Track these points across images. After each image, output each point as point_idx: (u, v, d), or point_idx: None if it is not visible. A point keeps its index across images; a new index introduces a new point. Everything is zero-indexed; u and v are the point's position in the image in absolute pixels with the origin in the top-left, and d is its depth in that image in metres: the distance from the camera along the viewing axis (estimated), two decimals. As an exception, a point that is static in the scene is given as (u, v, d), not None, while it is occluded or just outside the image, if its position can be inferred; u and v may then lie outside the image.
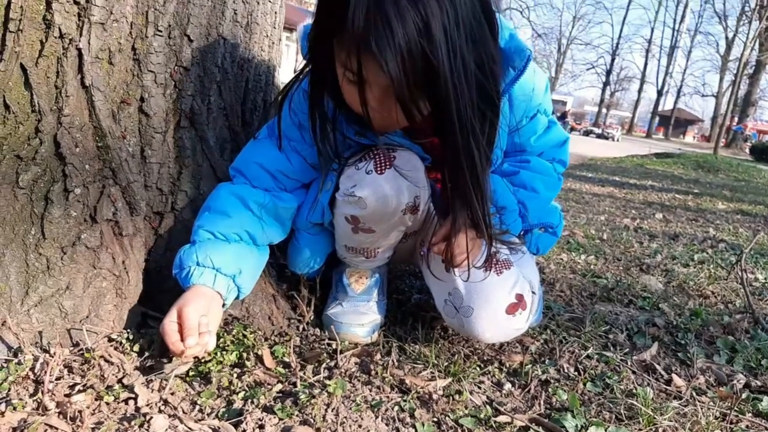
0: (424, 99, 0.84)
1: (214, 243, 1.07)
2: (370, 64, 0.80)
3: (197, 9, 1.08)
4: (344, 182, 1.09)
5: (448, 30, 0.77)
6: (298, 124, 1.13)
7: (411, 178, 1.09)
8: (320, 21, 0.88)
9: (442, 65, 0.78)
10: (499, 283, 1.10)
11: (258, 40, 1.26)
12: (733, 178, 10.46)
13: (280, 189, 1.17)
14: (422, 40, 0.76)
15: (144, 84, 1.04)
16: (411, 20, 0.75)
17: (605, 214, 4.20)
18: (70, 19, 0.96)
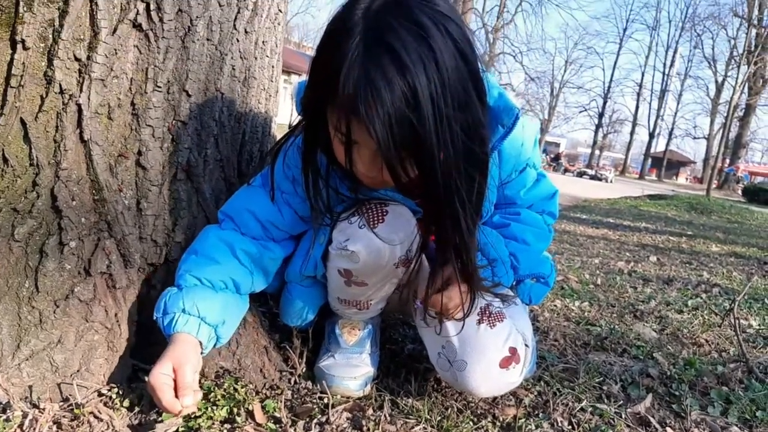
0: (410, 162, 0.86)
1: (201, 290, 1.07)
2: (360, 129, 0.83)
3: (196, 65, 1.11)
4: (337, 236, 1.10)
5: (434, 98, 0.79)
6: (291, 178, 1.14)
7: (403, 232, 1.10)
8: (313, 85, 0.91)
9: (428, 132, 0.80)
10: (492, 337, 1.10)
11: (255, 94, 1.29)
12: (726, 220, 10.53)
13: (268, 238, 1.18)
14: (409, 108, 0.78)
15: (142, 138, 1.06)
16: (399, 89, 0.77)
17: (599, 256, 4.21)
18: (71, 76, 0.98)
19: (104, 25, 0.99)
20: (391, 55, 0.78)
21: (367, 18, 0.80)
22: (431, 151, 0.82)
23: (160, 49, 1.05)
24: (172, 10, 1.05)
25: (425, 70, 0.78)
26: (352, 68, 0.79)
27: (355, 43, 0.79)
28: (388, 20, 0.79)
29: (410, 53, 0.77)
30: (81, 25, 0.98)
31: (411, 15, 0.79)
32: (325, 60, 0.86)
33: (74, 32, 0.97)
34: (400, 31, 0.78)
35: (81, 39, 0.98)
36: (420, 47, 0.78)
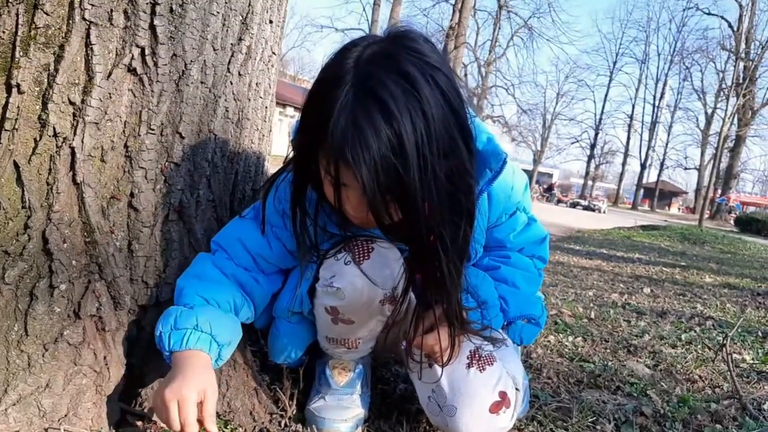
0: (395, 207, 0.88)
1: (211, 309, 1.07)
2: (347, 173, 0.85)
3: (190, 108, 1.12)
4: (323, 273, 1.11)
5: (420, 147, 0.81)
6: (281, 212, 1.15)
7: (389, 269, 1.10)
8: (305, 129, 0.94)
9: (412, 179, 0.82)
10: (482, 381, 1.09)
11: (248, 134, 1.30)
12: (719, 250, 10.57)
13: (258, 270, 1.18)
14: (395, 156, 0.81)
15: (134, 180, 1.07)
16: (385, 137, 0.80)
17: (593, 288, 4.21)
18: (65, 119, 0.99)
19: (99, 70, 1.00)
20: (379, 104, 0.80)
21: (357, 68, 0.83)
22: (415, 198, 0.84)
23: (155, 92, 1.06)
24: (167, 54, 1.07)
25: (411, 120, 0.80)
26: (341, 115, 0.81)
27: (345, 91, 0.82)
28: (377, 71, 0.82)
29: (397, 103, 0.80)
30: (76, 70, 0.99)
31: (400, 66, 0.82)
32: (315, 106, 0.88)
33: (69, 77, 0.99)
34: (388, 81, 0.81)
35: (76, 83, 0.99)
36: (407, 98, 0.81)
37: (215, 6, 1.13)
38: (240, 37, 1.21)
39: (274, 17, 1.32)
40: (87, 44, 0.99)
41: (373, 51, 0.85)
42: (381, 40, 0.88)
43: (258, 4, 1.24)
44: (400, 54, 0.83)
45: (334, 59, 0.88)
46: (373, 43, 0.87)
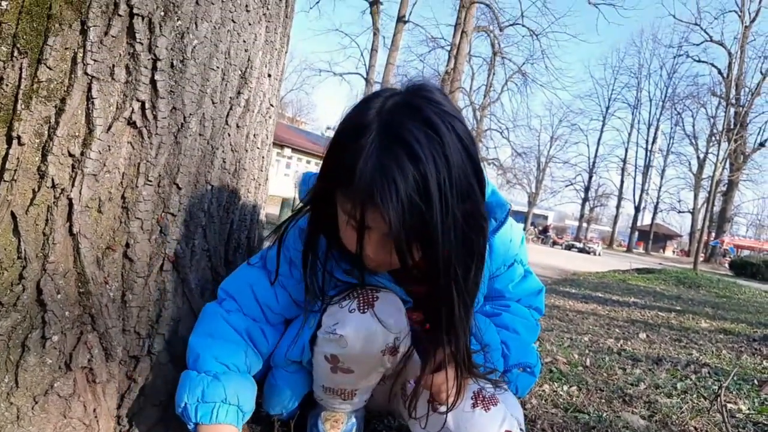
0: (417, 247, 0.91)
1: (234, 377, 1.09)
2: (374, 215, 0.89)
3: (187, 159, 1.14)
4: (326, 320, 1.11)
5: (442, 188, 0.86)
6: (288, 260, 1.17)
7: (393, 319, 1.11)
8: (325, 177, 0.98)
9: (435, 220, 0.86)
10: (488, 419, 1.09)
11: (245, 184, 1.32)
12: (714, 294, 10.55)
13: (266, 322, 1.19)
14: (420, 197, 0.85)
15: (130, 230, 1.08)
16: (411, 179, 0.84)
17: (589, 333, 4.19)
18: (63, 171, 1.01)
19: (99, 123, 1.02)
20: (404, 148, 0.85)
21: (381, 116, 0.88)
22: (436, 237, 0.88)
23: (153, 145, 1.08)
24: (167, 108, 1.09)
25: (435, 163, 0.85)
26: (368, 160, 0.85)
27: (371, 138, 0.86)
28: (401, 118, 0.87)
29: (422, 147, 0.85)
30: (77, 123, 1.01)
31: (422, 114, 0.87)
32: (339, 153, 0.93)
33: (70, 129, 1.01)
34: (412, 127, 0.86)
35: (76, 135, 1.01)
36: (430, 142, 0.86)
37: (215, 61, 1.16)
38: (239, 91, 1.24)
39: (272, 71, 1.36)
40: (88, 98, 1.02)
41: (395, 101, 0.90)
42: (400, 92, 0.93)
43: (257, 59, 1.28)
44: (421, 103, 0.89)
45: (356, 110, 0.93)
46: (394, 94, 0.92)
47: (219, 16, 1.16)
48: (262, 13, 1.27)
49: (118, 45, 1.04)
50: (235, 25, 1.20)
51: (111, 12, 1.03)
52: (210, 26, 1.14)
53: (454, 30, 21.75)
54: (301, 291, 1.15)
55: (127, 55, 1.05)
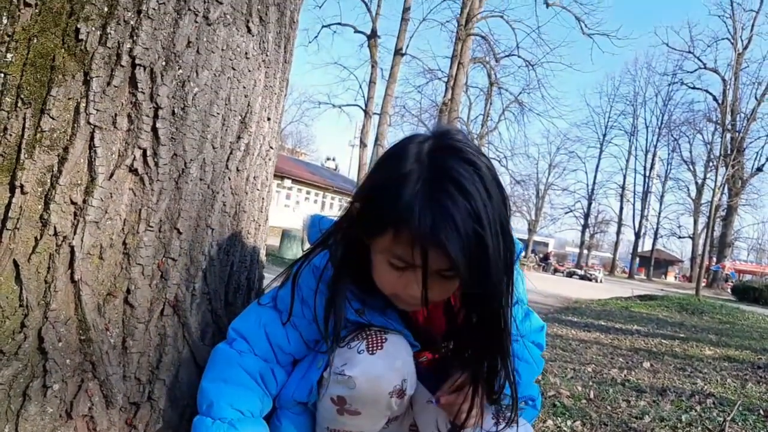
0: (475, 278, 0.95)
1: (249, 423, 1.10)
2: (435, 254, 0.92)
3: (188, 204, 1.16)
4: (335, 360, 1.12)
5: (490, 218, 0.92)
6: (300, 299, 1.17)
7: (401, 361, 1.12)
8: (369, 224, 1.01)
9: (490, 249, 0.92)
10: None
11: (245, 226, 1.34)
12: (717, 321, 10.49)
13: (276, 362, 1.19)
14: (476, 229, 0.90)
15: (131, 276, 1.08)
16: (466, 213, 0.90)
17: (592, 363, 4.16)
18: (66, 218, 1.02)
19: (101, 171, 1.04)
20: (454, 185, 0.90)
21: (423, 161, 0.94)
22: (491, 266, 0.93)
23: (154, 191, 1.10)
24: (168, 154, 1.11)
25: (481, 196, 0.91)
26: (422, 202, 0.90)
27: (420, 182, 0.91)
28: (443, 159, 0.93)
29: (468, 183, 0.91)
30: (79, 171, 1.03)
31: (460, 153, 0.94)
32: (383, 203, 0.96)
33: (72, 177, 1.02)
34: (456, 166, 0.92)
35: (78, 184, 1.03)
36: (473, 177, 0.92)
37: (215, 108, 1.19)
38: (239, 136, 1.26)
39: (271, 114, 1.38)
40: (91, 146, 1.04)
41: (431, 146, 0.96)
42: (432, 137, 0.99)
43: (257, 104, 1.30)
44: (456, 144, 0.96)
45: (392, 161, 0.98)
46: (425, 140, 0.98)
47: (219, 64, 1.19)
48: (261, 60, 1.30)
49: (120, 95, 1.06)
50: (235, 72, 1.22)
51: (113, 63, 1.05)
52: (210, 74, 1.17)
53: (450, 62, 22.06)
54: (313, 331, 1.16)
55: (129, 104, 1.07)
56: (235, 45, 1.22)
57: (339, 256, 1.10)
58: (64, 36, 1.03)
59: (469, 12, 21.24)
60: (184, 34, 1.12)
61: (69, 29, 1.04)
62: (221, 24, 1.18)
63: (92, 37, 1.04)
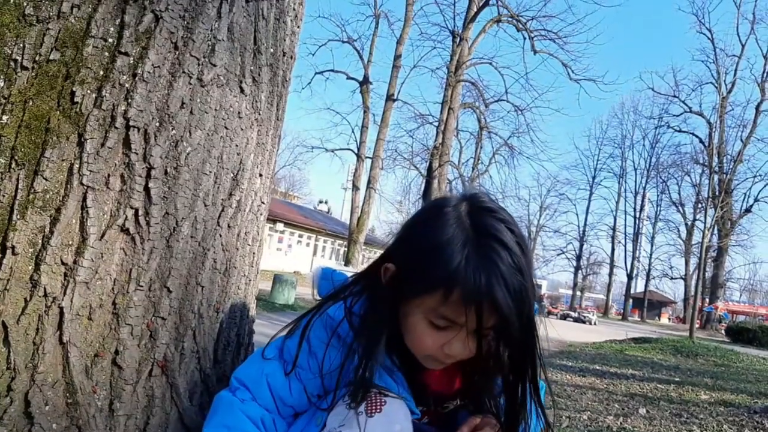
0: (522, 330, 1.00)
1: None
2: (487, 311, 0.96)
3: (179, 262, 1.16)
4: (332, 419, 1.10)
5: (528, 271, 0.98)
6: (308, 351, 1.16)
7: (399, 425, 1.10)
8: (411, 287, 1.03)
9: (531, 300, 0.98)
10: None
11: (235, 281, 1.34)
12: (712, 363, 10.43)
13: (278, 414, 1.17)
14: (521, 278, 0.96)
15: (120, 337, 1.08)
16: (512, 269, 0.95)
17: (587, 411, 4.11)
18: (56, 279, 1.02)
19: (93, 231, 1.05)
20: (498, 244, 0.96)
21: (464, 224, 0.99)
22: (532, 316, 0.99)
23: (145, 250, 1.11)
24: (159, 213, 1.12)
25: (518, 250, 0.97)
26: (472, 263, 0.95)
27: (466, 245, 0.96)
28: (483, 220, 0.99)
29: (508, 240, 0.97)
30: (71, 232, 1.04)
31: (496, 213, 1.01)
32: (428, 269, 0.99)
33: (63, 238, 1.03)
34: (496, 225, 0.98)
35: (69, 244, 1.03)
36: (510, 234, 0.98)
37: (208, 166, 1.21)
38: (231, 193, 1.27)
39: (263, 171, 1.40)
40: (83, 207, 1.05)
41: (468, 209, 1.02)
42: (464, 200, 1.04)
43: (249, 161, 1.32)
44: (489, 206, 1.02)
45: (432, 225, 1.01)
46: (459, 203, 1.03)
47: (212, 124, 1.21)
48: (254, 118, 1.33)
49: (113, 155, 1.08)
50: (228, 131, 1.25)
51: (108, 125, 1.07)
52: (204, 134, 1.19)
53: (441, 107, 22.43)
54: (316, 385, 1.15)
55: (123, 164, 1.09)
56: (228, 105, 1.25)
57: (369, 315, 1.12)
58: (60, 99, 1.06)
59: (459, 59, 21.73)
60: (178, 96, 1.15)
61: (65, 92, 1.06)
62: (215, 85, 1.21)
63: (87, 99, 1.06)
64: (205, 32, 1.19)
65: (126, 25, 1.10)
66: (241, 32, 1.26)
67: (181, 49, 1.16)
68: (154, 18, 1.13)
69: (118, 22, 1.10)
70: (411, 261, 1.05)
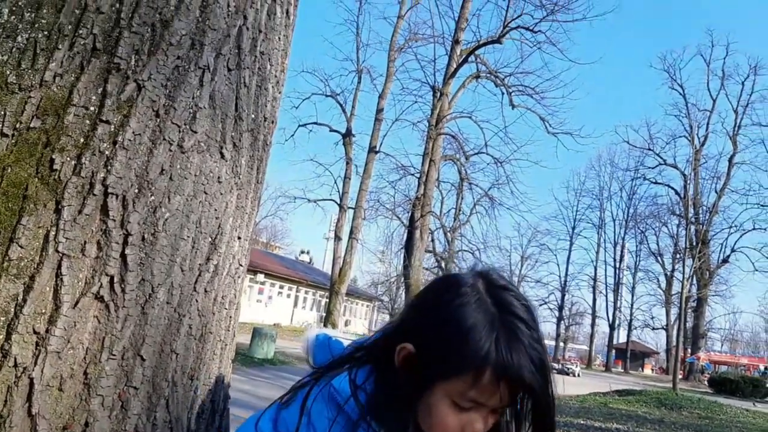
0: None
1: None
2: (514, 389, 0.98)
3: (153, 329, 1.15)
4: None
5: (542, 337, 1.01)
6: (306, 424, 1.12)
7: None
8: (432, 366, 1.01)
9: (548, 360, 1.00)
10: None
11: (211, 347, 1.32)
12: (696, 416, 10.35)
13: None
14: (541, 350, 0.98)
15: (91, 408, 1.05)
16: (534, 344, 0.98)
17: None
18: (27, 349, 1.00)
19: (67, 300, 1.04)
20: (520, 322, 0.98)
21: (486, 304, 0.99)
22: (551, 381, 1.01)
23: (119, 318, 1.09)
24: (135, 280, 1.11)
25: (534, 321, 1.00)
26: (506, 342, 0.96)
27: (496, 324, 0.97)
28: (503, 299, 1.00)
29: (527, 317, 1.00)
30: (44, 300, 1.02)
31: (510, 290, 1.03)
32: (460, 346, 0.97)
33: (36, 307, 1.01)
34: (515, 302, 1.00)
35: (42, 313, 1.02)
36: (528, 309, 1.01)
37: (186, 231, 1.21)
38: (208, 257, 1.27)
39: (242, 233, 1.41)
40: (57, 275, 1.04)
41: (486, 286, 1.02)
42: (478, 277, 1.05)
43: (227, 225, 1.33)
44: (504, 283, 1.04)
45: (452, 306, 1.00)
46: (474, 282, 1.03)
47: (192, 189, 1.22)
48: (234, 182, 1.34)
49: (90, 222, 1.08)
50: (207, 196, 1.26)
51: (86, 192, 1.08)
52: (183, 199, 1.20)
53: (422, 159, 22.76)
54: None
55: (100, 231, 1.08)
56: (208, 170, 1.26)
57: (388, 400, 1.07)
58: (39, 166, 1.06)
59: (439, 113, 22.19)
60: (158, 163, 1.16)
61: (44, 159, 1.06)
62: (195, 151, 1.23)
63: (66, 167, 1.07)
64: (186, 100, 1.21)
65: (108, 93, 1.12)
66: (222, 100, 1.29)
67: (163, 117, 1.17)
68: (137, 87, 1.15)
69: (100, 91, 1.12)
70: (435, 345, 1.02)
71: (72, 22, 1.13)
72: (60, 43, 1.11)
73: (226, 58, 1.30)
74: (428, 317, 1.05)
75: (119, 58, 1.14)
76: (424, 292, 1.11)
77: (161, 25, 1.19)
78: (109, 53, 1.14)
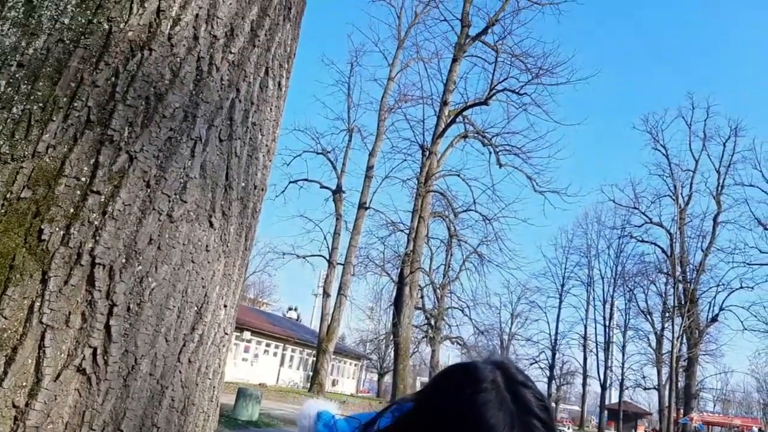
0: None
1: None
2: None
3: (135, 402, 1.13)
4: None
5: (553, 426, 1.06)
6: None
7: None
8: None
9: None
10: None
11: (193, 420, 1.29)
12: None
13: None
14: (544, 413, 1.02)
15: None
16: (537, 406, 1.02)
17: None
18: (5, 424, 0.98)
19: (48, 372, 1.02)
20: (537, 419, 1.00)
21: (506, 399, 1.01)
22: None
23: (101, 391, 1.07)
24: (119, 352, 1.10)
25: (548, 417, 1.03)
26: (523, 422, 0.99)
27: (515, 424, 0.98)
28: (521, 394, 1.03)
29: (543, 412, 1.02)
30: (25, 372, 1.01)
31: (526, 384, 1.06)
32: None
33: (17, 379, 1.00)
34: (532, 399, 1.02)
35: (23, 386, 1.00)
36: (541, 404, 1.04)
37: (172, 301, 1.20)
38: (193, 327, 1.26)
39: (228, 301, 1.40)
40: (40, 347, 1.03)
41: (504, 380, 1.04)
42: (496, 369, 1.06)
43: (214, 293, 1.32)
44: (521, 378, 1.06)
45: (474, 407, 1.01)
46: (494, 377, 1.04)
47: (179, 258, 1.22)
48: (222, 251, 1.35)
49: (76, 293, 1.07)
50: (195, 265, 1.26)
51: (73, 262, 1.08)
52: (170, 268, 1.20)
53: (412, 215, 22.91)
54: None
55: (85, 302, 1.08)
56: (197, 239, 1.27)
57: None
58: (27, 236, 1.06)
59: (428, 171, 22.50)
60: (146, 233, 1.17)
61: (32, 229, 1.07)
62: (184, 220, 1.24)
63: (55, 237, 1.08)
64: (178, 170, 1.23)
65: (100, 164, 1.14)
66: (213, 169, 1.31)
67: (153, 187, 1.19)
68: (129, 158, 1.17)
69: (92, 162, 1.14)
70: None
71: (67, 94, 1.16)
72: (54, 115, 1.14)
73: (218, 130, 1.33)
74: (447, 410, 1.04)
75: (113, 129, 1.16)
76: (442, 381, 1.11)
77: (155, 98, 1.22)
78: (103, 125, 1.16)
